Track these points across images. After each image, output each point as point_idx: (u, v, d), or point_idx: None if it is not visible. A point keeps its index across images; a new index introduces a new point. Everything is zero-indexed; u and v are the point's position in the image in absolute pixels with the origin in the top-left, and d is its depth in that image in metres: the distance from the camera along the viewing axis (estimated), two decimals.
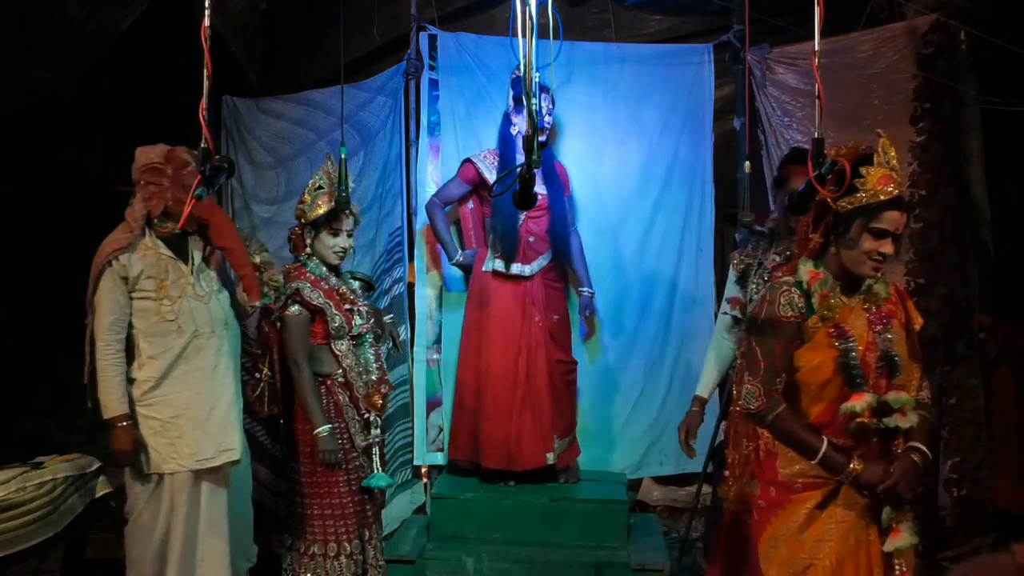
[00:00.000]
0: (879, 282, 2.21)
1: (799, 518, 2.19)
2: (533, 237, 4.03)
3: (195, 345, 2.93)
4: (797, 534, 2.19)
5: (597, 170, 4.35)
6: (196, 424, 2.92)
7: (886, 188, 2.10)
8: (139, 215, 2.90)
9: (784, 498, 2.23)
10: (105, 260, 2.84)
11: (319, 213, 3.18)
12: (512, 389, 3.97)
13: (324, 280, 3.22)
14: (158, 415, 2.90)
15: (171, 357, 2.90)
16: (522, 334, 4.00)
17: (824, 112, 2.26)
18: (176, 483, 2.92)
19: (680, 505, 4.64)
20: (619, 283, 4.36)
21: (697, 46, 4.34)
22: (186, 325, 2.91)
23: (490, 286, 4.04)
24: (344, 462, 3.14)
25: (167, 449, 2.90)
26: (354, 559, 3.16)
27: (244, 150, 4.47)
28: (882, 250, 2.12)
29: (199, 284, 2.99)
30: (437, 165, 4.38)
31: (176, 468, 2.91)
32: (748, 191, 3.93)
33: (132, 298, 2.89)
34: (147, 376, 2.90)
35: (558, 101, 4.13)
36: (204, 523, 2.97)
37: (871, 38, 3.90)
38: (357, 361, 3.26)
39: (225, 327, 3.04)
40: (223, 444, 2.97)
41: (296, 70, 4.80)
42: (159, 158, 2.88)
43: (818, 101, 2.23)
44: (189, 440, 2.91)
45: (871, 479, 2.11)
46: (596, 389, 4.35)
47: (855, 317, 2.18)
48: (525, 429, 3.96)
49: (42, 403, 4.61)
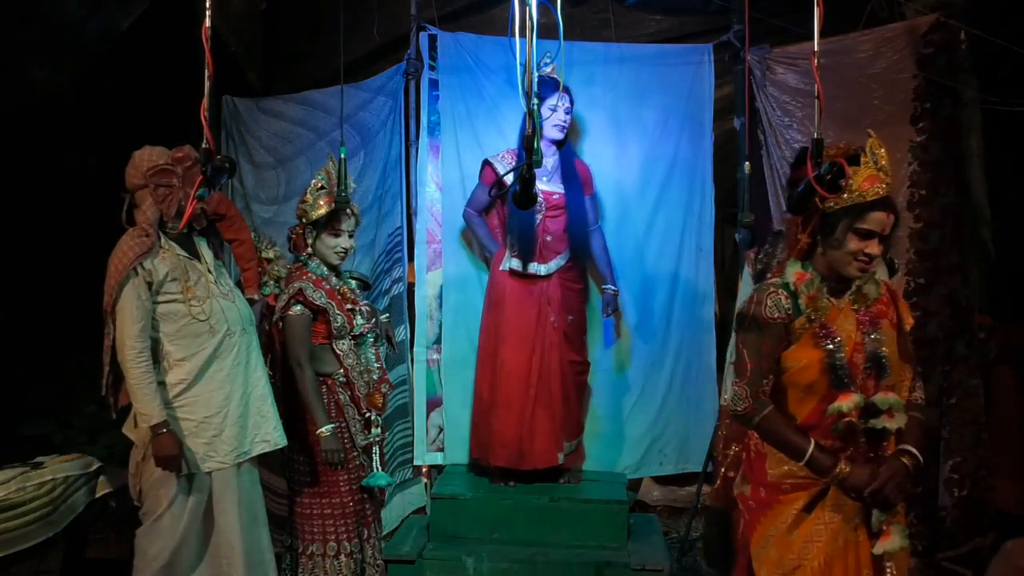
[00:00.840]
0: (869, 282, 2.21)
1: (787, 519, 2.20)
2: (551, 236, 4.03)
3: (228, 344, 2.93)
4: (786, 535, 2.19)
5: (597, 170, 4.33)
6: (234, 420, 2.93)
7: (872, 188, 2.11)
8: (152, 219, 2.88)
9: (773, 499, 2.24)
10: (130, 267, 2.79)
11: (321, 213, 3.19)
12: (525, 388, 3.97)
13: (325, 280, 3.23)
14: (192, 416, 2.89)
15: (204, 357, 2.89)
16: (537, 334, 4.00)
17: (824, 112, 2.26)
18: (220, 480, 2.94)
19: (680, 505, 4.64)
20: (619, 283, 4.36)
21: (697, 46, 4.34)
22: (218, 324, 2.91)
23: (507, 285, 4.03)
24: (345, 461, 3.14)
25: (203, 448, 2.90)
26: (353, 558, 3.17)
27: (244, 150, 4.47)
28: (868, 251, 2.12)
29: (219, 282, 2.99)
30: (437, 165, 4.38)
31: (216, 466, 2.91)
32: (748, 191, 3.93)
33: (157, 303, 2.86)
34: (178, 379, 2.88)
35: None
36: (248, 515, 3.00)
37: (871, 38, 3.90)
38: (358, 361, 3.27)
39: (252, 323, 3.06)
40: (259, 435, 3.00)
41: (296, 70, 4.80)
42: (166, 159, 2.86)
43: (818, 101, 2.24)
44: (227, 437, 2.92)
45: (857, 482, 2.10)
46: (596, 389, 4.35)
47: (843, 318, 2.18)
48: (538, 428, 3.96)
49: (42, 403, 4.60)
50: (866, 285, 2.20)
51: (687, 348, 4.36)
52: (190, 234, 3.00)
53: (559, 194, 4.02)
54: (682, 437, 4.37)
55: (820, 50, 2.23)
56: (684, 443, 4.36)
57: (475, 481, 4.10)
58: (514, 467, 3.98)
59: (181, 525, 2.90)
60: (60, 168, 4.54)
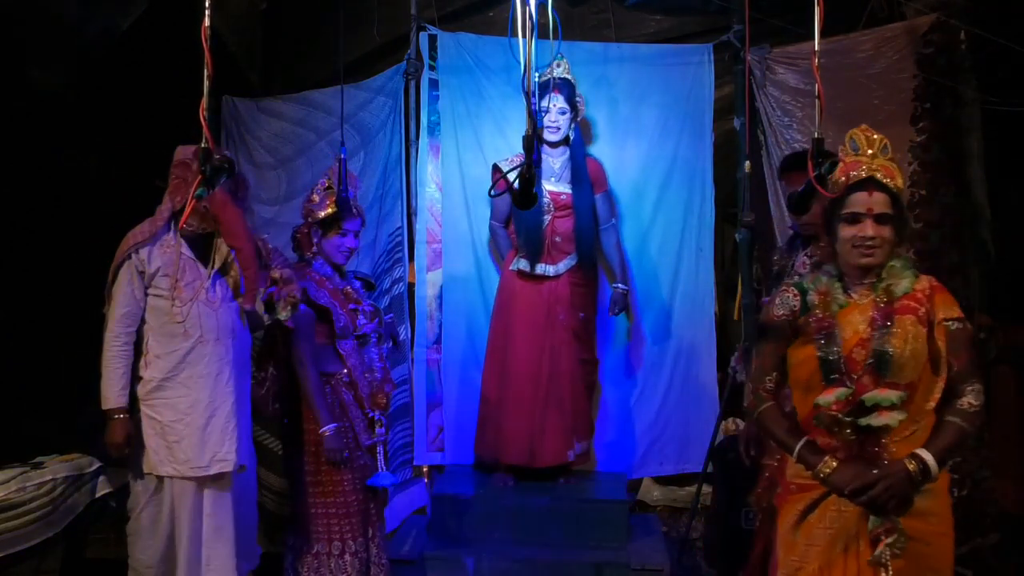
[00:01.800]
0: (899, 276, 2.14)
1: (792, 519, 2.18)
2: (559, 237, 4.02)
3: (199, 351, 2.91)
4: (791, 535, 2.17)
5: None
6: (193, 431, 2.89)
7: (849, 173, 2.13)
8: (164, 210, 2.92)
9: (783, 499, 2.23)
10: (125, 253, 2.85)
11: (327, 213, 3.19)
12: (535, 387, 3.98)
13: (329, 280, 3.24)
14: (159, 416, 2.89)
15: (175, 360, 2.89)
16: (546, 334, 4.00)
17: (824, 112, 2.26)
18: (177, 487, 2.91)
19: (680, 505, 4.64)
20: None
21: (697, 46, 4.34)
22: (192, 330, 2.89)
23: (516, 285, 4.04)
24: (349, 461, 3.15)
25: (165, 452, 2.88)
26: (358, 557, 3.17)
27: (244, 150, 4.47)
28: (861, 234, 2.09)
29: (213, 289, 2.97)
30: (437, 165, 4.39)
31: (172, 472, 2.89)
32: (748, 191, 3.93)
33: (148, 294, 2.88)
34: (151, 375, 2.89)
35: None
36: (209, 528, 2.95)
37: (871, 38, 3.90)
38: (361, 360, 3.27)
39: (232, 335, 2.99)
40: (219, 454, 2.92)
41: (296, 70, 4.80)
42: (189, 154, 2.87)
43: (818, 101, 2.24)
44: (186, 446, 2.89)
45: (839, 480, 2.05)
46: (597, 389, 4.35)
47: (857, 313, 2.14)
48: (548, 426, 3.97)
49: (42, 403, 4.60)
50: (894, 278, 2.14)
51: (687, 348, 4.36)
52: (208, 236, 2.98)
53: (567, 194, 4.02)
54: (682, 437, 4.36)
55: (820, 50, 2.23)
56: (684, 443, 4.36)
57: (476, 481, 4.10)
58: (525, 465, 3.98)
59: (162, 524, 2.91)
60: (60, 168, 4.54)
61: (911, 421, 2.09)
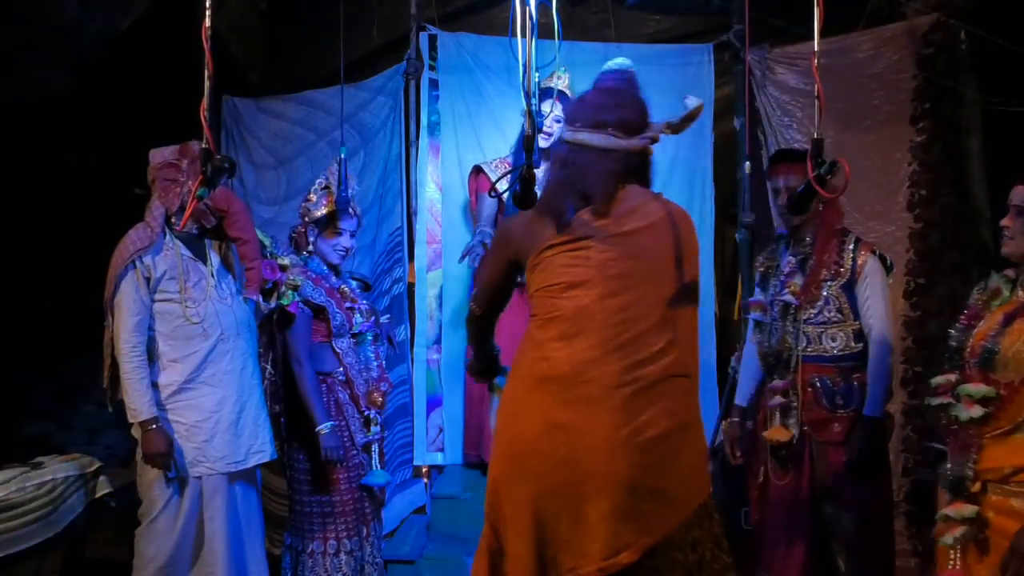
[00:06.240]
0: (1003, 282, 2.31)
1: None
2: None
3: (221, 348, 2.90)
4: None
5: None
6: (226, 427, 2.88)
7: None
8: (157, 214, 2.88)
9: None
10: (128, 261, 2.79)
11: (323, 212, 3.20)
12: None
13: (325, 279, 3.25)
14: (183, 419, 2.86)
15: (196, 360, 2.86)
16: None
17: (824, 112, 2.26)
18: (209, 486, 2.89)
19: None
20: None
21: (697, 46, 4.34)
22: (211, 328, 2.88)
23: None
24: (345, 459, 3.15)
25: (194, 453, 2.86)
26: (353, 556, 3.18)
27: (244, 150, 4.47)
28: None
29: (220, 286, 2.97)
30: (437, 165, 4.38)
31: (205, 472, 2.87)
32: (748, 191, 3.93)
33: (154, 300, 2.84)
34: (169, 380, 2.86)
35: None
36: (238, 524, 2.96)
37: (871, 38, 3.90)
38: (358, 359, 3.28)
39: (248, 329, 3.02)
40: (254, 446, 2.95)
41: (296, 70, 4.80)
42: (173, 155, 2.87)
43: (818, 101, 2.24)
44: (218, 444, 2.87)
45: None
46: None
47: (1002, 310, 2.22)
48: None
49: (42, 403, 4.61)
50: (1001, 286, 2.29)
51: None
52: (201, 236, 2.98)
53: None
54: None
55: (820, 50, 2.23)
56: None
57: (475, 481, 4.09)
58: None
59: (177, 527, 2.87)
60: (60, 168, 4.55)
61: (1005, 420, 2.08)
